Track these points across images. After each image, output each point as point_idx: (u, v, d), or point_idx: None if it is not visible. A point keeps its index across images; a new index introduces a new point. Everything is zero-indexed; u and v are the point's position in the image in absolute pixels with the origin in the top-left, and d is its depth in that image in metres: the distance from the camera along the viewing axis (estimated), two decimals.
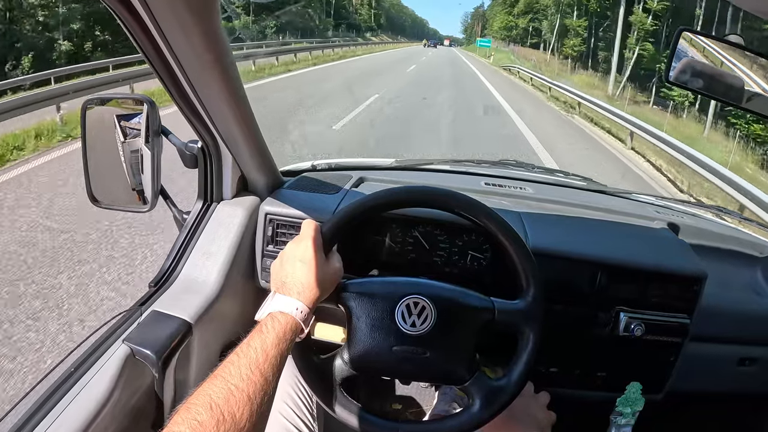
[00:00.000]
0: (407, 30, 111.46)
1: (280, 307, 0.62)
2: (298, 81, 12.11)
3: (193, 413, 0.47)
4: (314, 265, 0.66)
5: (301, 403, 0.93)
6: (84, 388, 0.69)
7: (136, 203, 0.92)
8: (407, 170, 1.36)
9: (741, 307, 1.04)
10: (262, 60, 13.20)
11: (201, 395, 0.50)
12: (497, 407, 0.71)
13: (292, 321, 0.61)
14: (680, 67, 0.89)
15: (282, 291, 0.65)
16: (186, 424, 0.46)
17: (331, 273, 0.68)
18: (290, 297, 0.63)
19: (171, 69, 0.71)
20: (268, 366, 0.55)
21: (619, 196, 1.32)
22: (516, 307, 0.74)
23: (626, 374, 0.94)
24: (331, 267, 0.69)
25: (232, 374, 0.52)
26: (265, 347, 0.56)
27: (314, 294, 0.64)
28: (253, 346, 0.56)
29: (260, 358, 0.55)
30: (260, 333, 0.58)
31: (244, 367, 0.53)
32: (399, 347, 0.70)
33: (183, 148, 0.90)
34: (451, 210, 0.76)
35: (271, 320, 0.60)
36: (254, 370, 0.53)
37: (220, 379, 0.52)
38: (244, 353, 0.55)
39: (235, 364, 0.54)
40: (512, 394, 0.72)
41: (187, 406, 0.49)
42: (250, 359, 0.54)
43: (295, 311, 0.62)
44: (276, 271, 0.68)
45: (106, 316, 1.67)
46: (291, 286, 0.64)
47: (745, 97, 0.87)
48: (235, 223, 0.94)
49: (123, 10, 0.61)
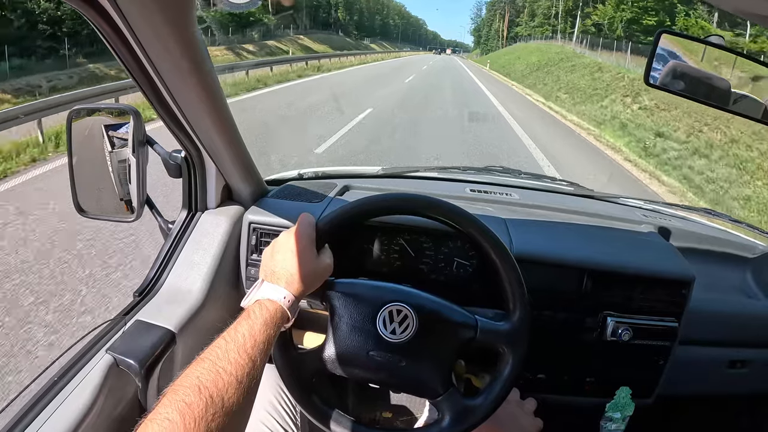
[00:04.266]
0: (402, 35, 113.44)
1: (268, 295, 0.63)
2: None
3: (181, 395, 0.47)
4: (305, 257, 0.66)
5: (284, 411, 0.93)
6: (67, 398, 0.69)
7: (123, 213, 0.92)
8: (393, 178, 1.37)
9: (730, 309, 1.03)
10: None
11: (188, 377, 0.50)
12: (466, 426, 0.71)
13: (280, 309, 0.62)
14: (665, 70, 0.89)
15: (271, 279, 0.65)
16: (173, 406, 0.46)
17: (320, 268, 0.69)
18: (278, 285, 0.64)
19: (151, 78, 0.71)
20: (256, 351, 0.55)
21: (607, 201, 1.32)
22: (499, 329, 0.73)
23: (615, 379, 0.93)
24: (322, 262, 0.69)
25: (220, 357, 0.52)
26: (252, 332, 0.57)
27: (302, 286, 0.65)
28: (241, 331, 0.56)
29: (248, 342, 0.55)
30: (248, 319, 0.59)
31: (231, 351, 0.53)
32: (376, 352, 0.70)
33: (167, 158, 0.91)
34: (446, 222, 0.75)
35: (258, 307, 0.61)
36: (242, 354, 0.54)
37: (207, 362, 0.52)
38: (231, 337, 0.56)
39: (222, 347, 0.54)
40: (485, 415, 0.71)
41: (174, 388, 0.49)
42: (238, 343, 0.55)
43: (283, 300, 0.62)
44: (267, 259, 0.69)
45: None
46: (280, 275, 0.65)
47: (732, 99, 0.87)
48: (219, 233, 0.94)
49: (101, 21, 0.61)
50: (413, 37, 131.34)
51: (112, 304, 2.62)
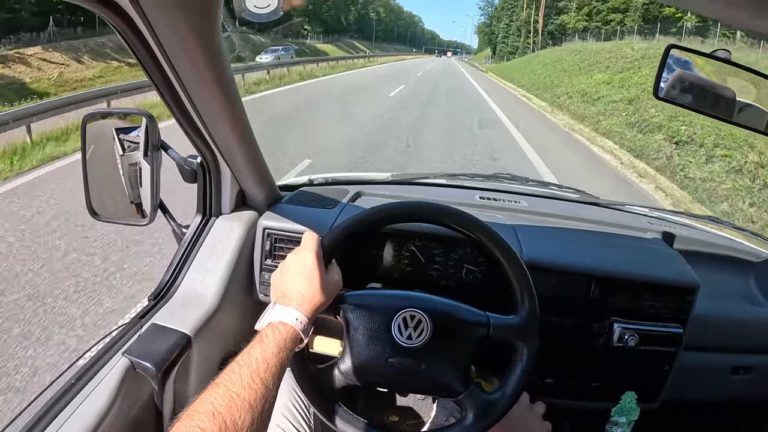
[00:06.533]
0: (391, 33, 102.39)
1: (280, 318, 0.63)
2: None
3: (196, 421, 0.48)
4: (314, 277, 0.67)
5: (299, 415, 0.94)
6: (84, 400, 0.69)
7: (135, 216, 0.93)
8: (403, 184, 1.38)
9: (734, 315, 1.04)
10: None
11: (203, 403, 0.50)
12: (490, 421, 0.72)
13: (292, 331, 0.62)
14: (670, 82, 0.90)
15: (282, 301, 0.66)
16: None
17: (330, 284, 0.69)
18: (290, 307, 0.64)
19: (171, 85, 0.72)
20: (269, 375, 0.56)
21: (612, 208, 1.33)
22: (511, 323, 0.75)
23: (621, 384, 0.95)
24: (331, 278, 0.70)
25: (234, 382, 0.53)
26: (265, 356, 0.57)
27: (314, 305, 0.66)
28: (254, 355, 0.57)
29: (261, 366, 0.56)
30: (261, 342, 0.59)
31: (245, 376, 0.54)
32: (395, 359, 0.71)
33: (182, 163, 0.91)
34: (448, 225, 0.77)
35: (271, 330, 0.61)
36: (255, 379, 0.54)
37: (221, 387, 0.52)
38: (245, 362, 0.56)
39: (236, 372, 0.54)
40: (505, 408, 0.73)
41: (189, 413, 0.49)
42: (251, 368, 0.55)
43: (295, 321, 0.63)
44: (276, 281, 0.69)
45: None
46: (291, 297, 0.65)
47: (736, 110, 0.88)
48: (233, 238, 0.95)
49: (126, 29, 0.62)
50: (405, 35, 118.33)
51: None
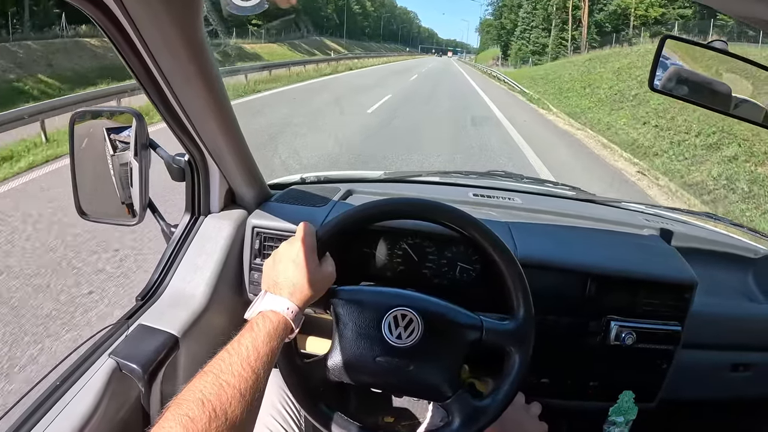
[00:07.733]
0: (383, 30, 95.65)
1: (271, 306, 0.62)
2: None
3: (185, 409, 0.47)
4: (307, 267, 0.66)
5: (288, 416, 0.92)
6: (70, 402, 0.68)
7: (125, 216, 0.92)
8: (396, 182, 1.36)
9: (733, 312, 1.03)
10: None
11: (192, 391, 0.49)
12: (476, 428, 0.70)
13: (283, 320, 0.61)
14: (666, 75, 0.89)
15: (273, 290, 0.65)
16: (177, 420, 0.46)
17: (323, 277, 0.68)
18: (281, 296, 0.63)
19: (156, 81, 0.71)
20: (260, 363, 0.54)
21: (609, 205, 1.32)
22: (505, 328, 0.73)
23: (618, 383, 0.93)
24: (324, 271, 0.69)
25: (223, 370, 0.52)
26: (256, 345, 0.56)
27: (305, 295, 0.64)
28: (244, 343, 0.56)
29: (251, 355, 0.55)
30: (251, 331, 0.58)
31: (235, 364, 0.53)
32: (383, 358, 0.70)
33: (170, 162, 0.90)
34: (442, 223, 0.76)
35: (262, 318, 0.60)
36: (245, 367, 0.53)
37: (211, 375, 0.51)
38: (234, 350, 0.55)
39: (225, 360, 0.53)
40: (494, 415, 0.71)
41: (177, 401, 0.48)
42: (241, 356, 0.54)
43: (286, 311, 0.62)
44: (268, 269, 0.68)
45: None
46: (282, 286, 0.64)
47: (733, 103, 0.87)
48: (222, 237, 0.94)
49: (108, 23, 0.61)
50: (398, 33, 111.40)
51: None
